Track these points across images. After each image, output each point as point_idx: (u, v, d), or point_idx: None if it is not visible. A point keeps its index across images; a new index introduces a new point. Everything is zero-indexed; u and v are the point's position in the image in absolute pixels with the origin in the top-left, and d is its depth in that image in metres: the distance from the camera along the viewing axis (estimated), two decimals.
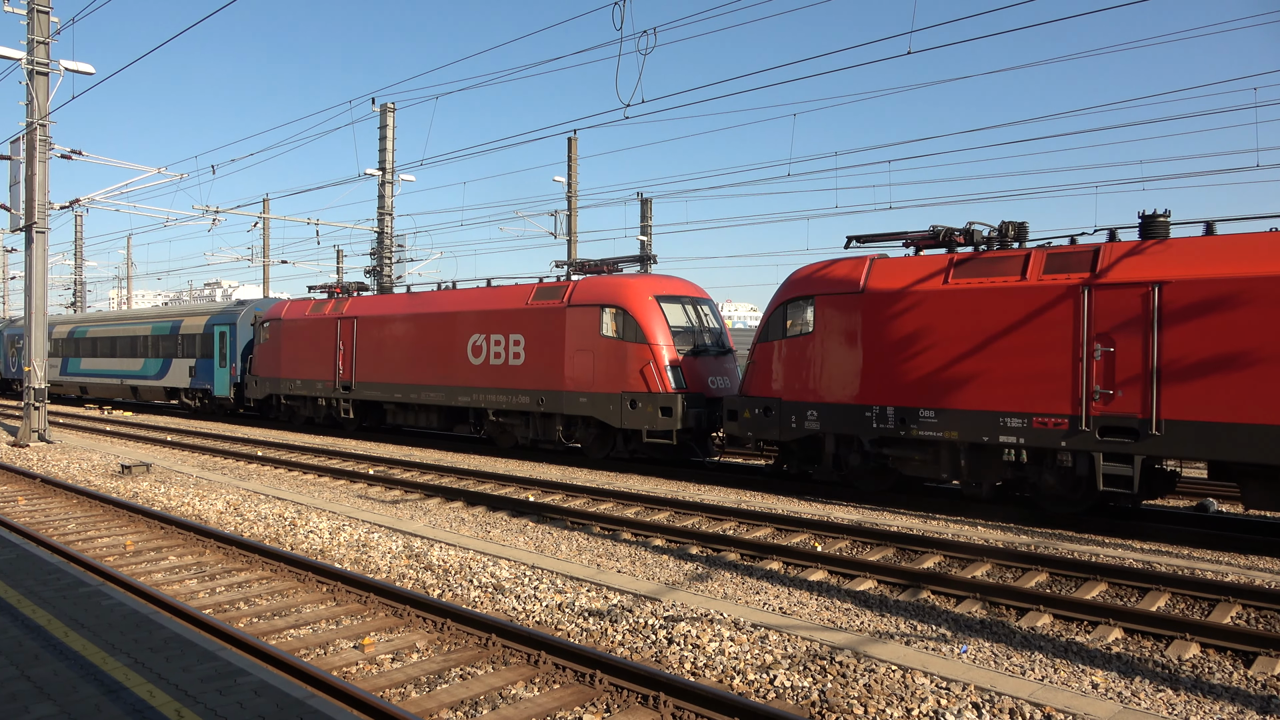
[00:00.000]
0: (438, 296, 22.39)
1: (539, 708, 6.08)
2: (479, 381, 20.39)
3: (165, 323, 33.83)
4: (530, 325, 19.44)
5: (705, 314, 18.92)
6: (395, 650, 7.31)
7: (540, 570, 9.73)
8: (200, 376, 31.39)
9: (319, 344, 25.40)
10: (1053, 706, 5.95)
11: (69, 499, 14.69)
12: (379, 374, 23.26)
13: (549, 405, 18.90)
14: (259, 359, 27.94)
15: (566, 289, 19.09)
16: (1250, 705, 6.36)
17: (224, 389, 30.20)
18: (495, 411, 20.29)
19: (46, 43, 22.03)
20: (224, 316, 30.67)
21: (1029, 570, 9.94)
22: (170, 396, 33.90)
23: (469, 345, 20.71)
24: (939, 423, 13.04)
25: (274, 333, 27.25)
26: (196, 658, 5.67)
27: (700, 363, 17.76)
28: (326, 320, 25.31)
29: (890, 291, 13.64)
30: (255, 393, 27.93)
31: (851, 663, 6.77)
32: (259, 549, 10.36)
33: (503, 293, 20.65)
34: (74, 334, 40.47)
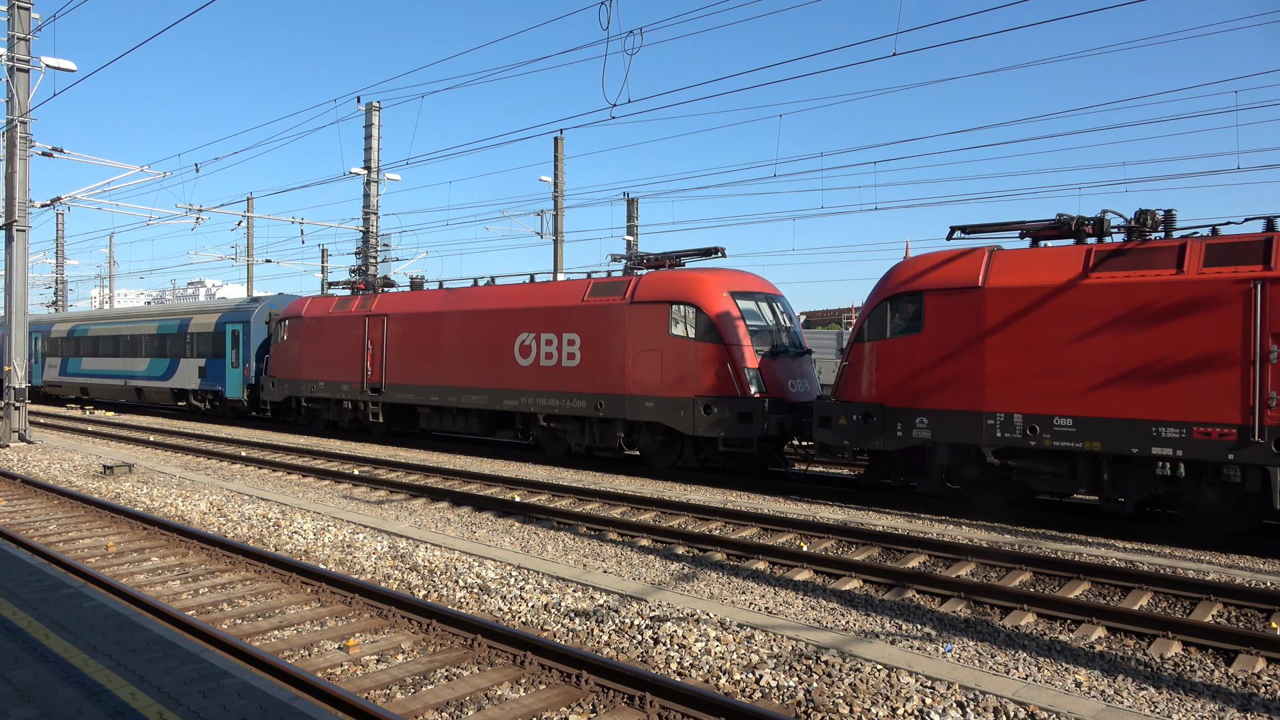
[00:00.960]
0: (480, 293, 20.88)
1: (525, 708, 6.06)
2: (528, 384, 18.98)
3: (172, 320, 32.17)
4: (586, 323, 18.01)
5: (780, 311, 17.60)
6: (380, 651, 7.28)
7: (526, 570, 9.71)
8: (210, 377, 29.81)
9: (344, 343, 23.76)
10: (1037, 705, 5.98)
11: (50, 500, 14.55)
12: (412, 375, 21.74)
13: (609, 410, 17.50)
14: (276, 359, 26.29)
15: (628, 284, 17.68)
16: (1231, 703, 6.42)
17: (237, 391, 28.68)
18: (546, 416, 18.82)
19: (27, 39, 21.82)
20: (236, 314, 29.10)
21: (1013, 569, 10.00)
22: (177, 398, 32.16)
23: (516, 345, 19.28)
24: (1077, 432, 11.79)
25: (293, 331, 25.56)
26: (179, 660, 5.62)
27: (779, 364, 16.43)
28: (353, 318, 23.65)
29: (1016, 287, 12.39)
30: (272, 395, 26.33)
31: (837, 662, 6.79)
32: (243, 550, 10.29)
33: (553, 289, 19.35)
34: (74, 332, 38.72)
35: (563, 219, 33.98)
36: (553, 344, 18.60)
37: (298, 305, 26.00)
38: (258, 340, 28.24)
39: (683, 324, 16.68)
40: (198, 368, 30.40)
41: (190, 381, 30.86)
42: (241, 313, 28.99)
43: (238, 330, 28.75)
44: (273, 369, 26.43)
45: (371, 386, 22.89)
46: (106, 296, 76.37)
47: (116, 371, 35.21)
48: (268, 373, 26.69)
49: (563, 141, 33.94)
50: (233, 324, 28.97)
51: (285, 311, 26.33)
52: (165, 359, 32.20)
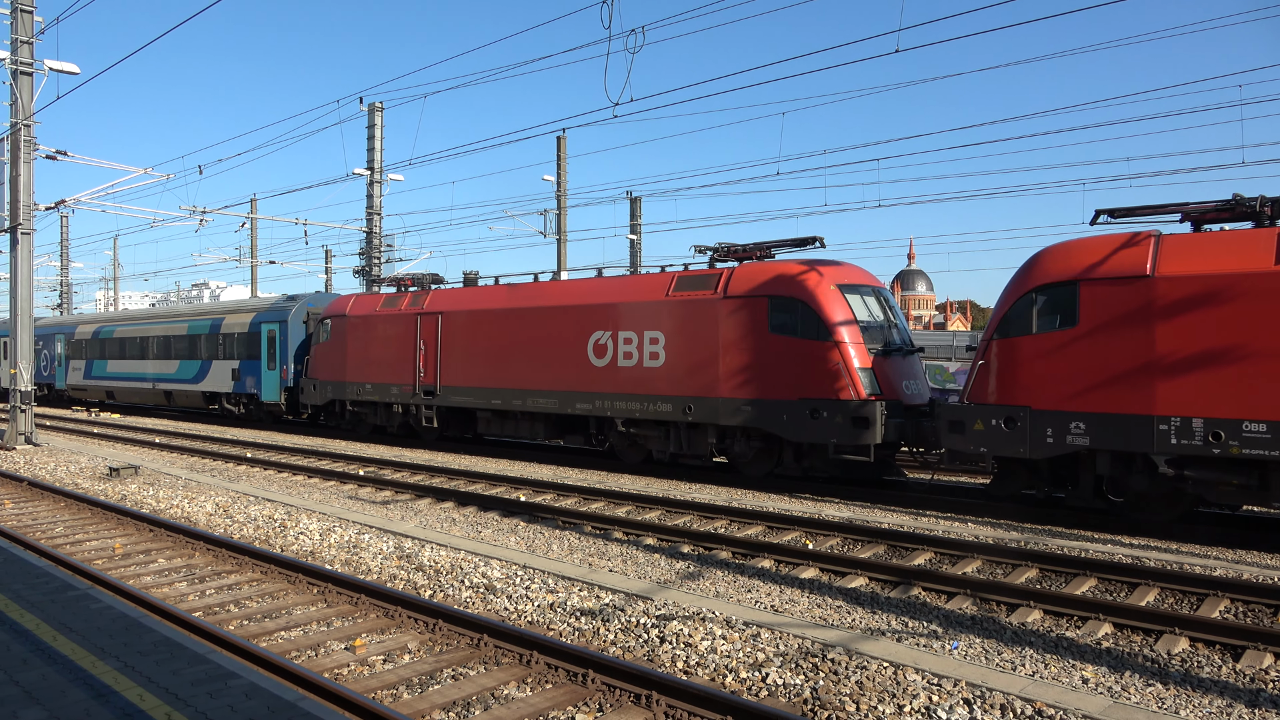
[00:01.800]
0: (547, 289, 19.43)
1: (531, 708, 6.07)
2: (604, 386, 17.54)
3: (204, 321, 30.68)
4: (671, 321, 16.62)
5: (887, 306, 16.24)
6: (387, 651, 7.29)
7: (532, 570, 9.72)
8: (245, 380, 28.27)
9: (394, 343, 22.21)
10: (1043, 702, 5.97)
11: (56, 502, 14.59)
12: (471, 377, 20.27)
13: (699, 414, 16.12)
14: (318, 360, 24.65)
15: (718, 278, 16.26)
16: (1239, 698, 6.40)
17: (273, 394, 27.09)
18: (625, 421, 17.36)
19: (30, 42, 21.87)
20: (273, 313, 27.57)
21: (1019, 566, 9.99)
22: (209, 402, 30.61)
23: (590, 344, 17.80)
24: (1272, 439, 10.51)
25: (338, 331, 23.93)
26: (186, 661, 5.64)
27: (891, 364, 15.02)
28: (403, 316, 22.09)
29: (1194, 276, 11.10)
30: (314, 398, 24.76)
31: (843, 660, 6.78)
32: (249, 551, 10.31)
33: (631, 283, 17.89)
34: (99, 334, 37.19)
35: (566, 218, 33.98)
36: (632, 343, 17.18)
37: (341, 304, 24.41)
38: (296, 341, 26.71)
39: (786, 320, 15.27)
40: (231, 370, 28.98)
41: (223, 384, 29.46)
42: (278, 312, 27.47)
43: (274, 330, 27.23)
44: (314, 371, 24.89)
45: (425, 389, 21.37)
46: (111, 299, 76.51)
47: (144, 374, 33.88)
48: (308, 375, 25.15)
49: (565, 141, 33.95)
50: (269, 324, 27.47)
51: (327, 310, 24.80)
52: (196, 361, 30.83)
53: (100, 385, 36.84)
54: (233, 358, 28.90)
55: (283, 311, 27.22)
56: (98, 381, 37.05)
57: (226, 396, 29.59)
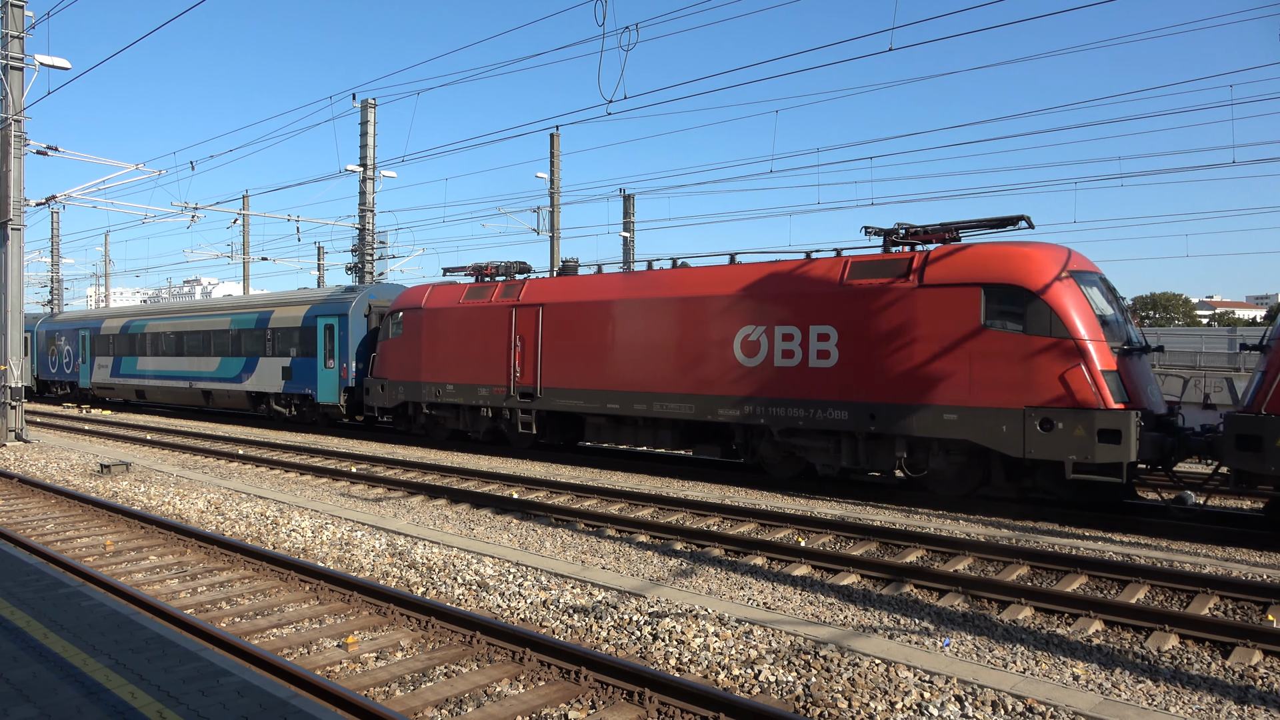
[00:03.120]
0: (679, 277, 16.92)
1: (524, 705, 6.07)
2: (755, 389, 15.15)
3: (249, 314, 28.17)
4: (846, 313, 14.20)
5: (1115, 295, 13.90)
6: (379, 649, 7.28)
7: (525, 567, 9.72)
8: (298, 379, 25.71)
9: (483, 339, 19.72)
10: (1034, 698, 6.00)
11: (47, 499, 14.54)
12: (582, 378, 17.78)
13: (884, 422, 13.67)
14: (387, 358, 22.16)
15: (908, 263, 13.86)
16: (1228, 695, 6.44)
17: (330, 394, 24.54)
18: (783, 430, 14.97)
19: (20, 37, 21.76)
20: (330, 306, 25.07)
21: (1010, 564, 10.03)
22: (255, 403, 28.11)
23: (737, 341, 15.41)
24: None
25: (412, 325, 21.40)
26: (178, 658, 5.63)
27: (1134, 365, 12.81)
28: (494, 309, 19.60)
29: None
30: (382, 400, 22.23)
31: (835, 657, 6.80)
32: (241, 548, 10.29)
33: (791, 270, 15.30)
34: (129, 329, 34.24)
35: (559, 215, 33.98)
36: (794, 339, 14.77)
37: (415, 295, 21.89)
38: (357, 336, 24.14)
39: (1007, 312, 12.91)
40: (281, 368, 26.36)
41: (271, 384, 26.86)
42: (336, 304, 24.88)
43: (332, 324, 24.62)
44: (382, 369, 22.34)
45: (522, 391, 18.83)
46: (102, 295, 76.16)
47: (180, 373, 31.21)
48: (374, 374, 22.62)
49: (559, 138, 33.92)
50: (325, 317, 24.87)
51: (398, 302, 22.23)
52: (240, 358, 28.19)
53: (129, 384, 34.22)
54: (283, 355, 26.39)
55: (341, 304, 24.69)
56: (127, 380, 34.39)
57: (275, 397, 27.08)
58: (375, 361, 22.71)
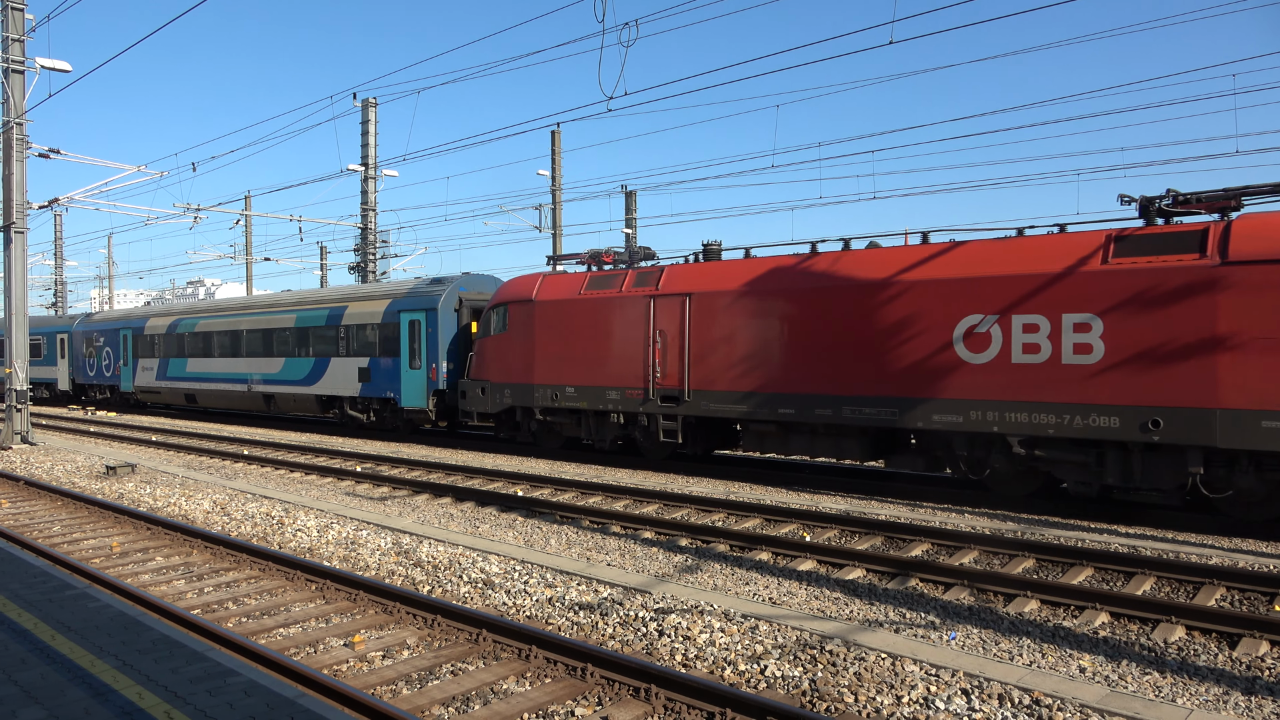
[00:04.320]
0: (872, 259, 14.25)
1: (531, 702, 6.08)
2: (984, 391, 12.74)
3: (319, 310, 25.88)
4: (1114, 298, 11.97)
5: None
6: (386, 647, 7.30)
7: (530, 565, 9.73)
8: (377, 381, 23.51)
9: (612, 335, 17.27)
10: (1041, 691, 5.99)
11: (54, 501, 14.58)
12: (744, 378, 15.34)
13: (1174, 431, 11.43)
14: (488, 358, 19.67)
15: (1201, 236, 11.63)
16: (1235, 686, 6.43)
17: (417, 398, 22.34)
18: (1026, 440, 12.58)
19: (22, 40, 21.79)
20: (415, 299, 22.77)
21: (1016, 556, 10.02)
22: (325, 408, 25.73)
23: (959, 333, 13.04)
24: None
25: (520, 320, 18.94)
26: (185, 658, 5.64)
27: None
28: (627, 300, 17.08)
29: None
30: (482, 404, 19.76)
31: (841, 651, 6.80)
32: (247, 548, 10.31)
33: (1030, 248, 12.87)
34: (176, 328, 31.80)
35: (561, 212, 33.95)
36: (1039, 330, 12.54)
37: (522, 286, 19.36)
38: (447, 333, 21.90)
39: None
40: (357, 369, 24.10)
41: (345, 386, 24.54)
42: (422, 297, 22.61)
43: (418, 321, 22.38)
44: (482, 370, 19.85)
45: (663, 394, 16.41)
46: (106, 297, 76.27)
47: (237, 375, 28.82)
48: (471, 376, 20.17)
49: (560, 135, 33.90)
50: (411, 312, 22.61)
51: (501, 295, 19.70)
52: (308, 358, 25.92)
53: (179, 387, 31.71)
54: (359, 354, 24.13)
55: (428, 297, 22.39)
56: (175, 383, 31.88)
57: (350, 401, 24.73)
58: (472, 362, 20.31)
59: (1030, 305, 12.61)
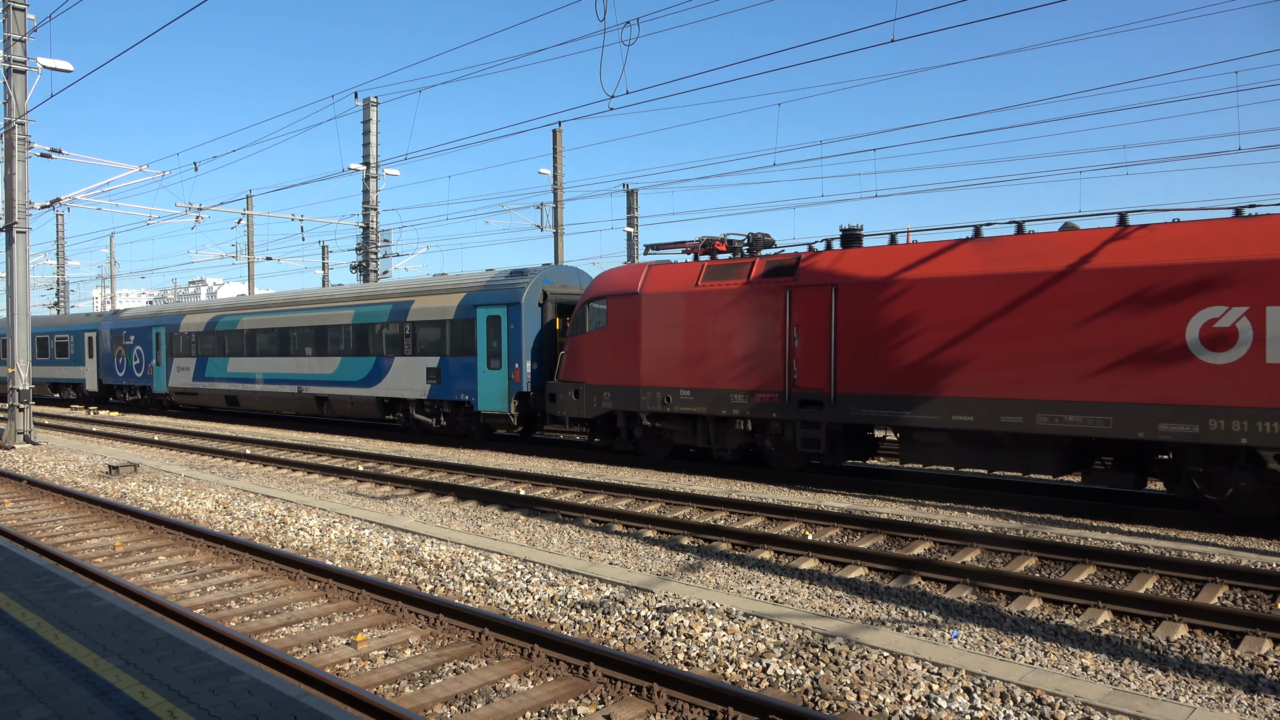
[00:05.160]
0: (1072, 243, 12.35)
1: (533, 701, 6.09)
2: (1227, 396, 10.95)
3: (379, 305, 23.83)
4: None
5: None
6: (388, 646, 7.31)
7: (532, 564, 9.73)
8: (449, 383, 21.58)
9: (738, 331, 15.32)
10: (1043, 689, 5.99)
11: (56, 500, 14.60)
12: (908, 380, 13.32)
13: None
14: (584, 357, 17.67)
15: None
16: (1238, 684, 6.43)
17: (496, 401, 20.39)
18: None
19: (23, 40, 21.81)
20: (494, 293, 20.69)
21: (1018, 555, 10.01)
22: (387, 411, 23.83)
23: (1192, 328, 11.17)
24: None
25: (623, 316, 16.98)
26: (188, 658, 5.65)
27: None
28: (756, 291, 15.08)
29: None
30: (577, 409, 17.77)
31: (844, 650, 6.81)
32: (249, 547, 10.33)
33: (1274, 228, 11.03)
34: (216, 325, 29.91)
35: (563, 211, 33.96)
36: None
37: (623, 277, 17.36)
38: (532, 329, 20.02)
39: None
40: (426, 369, 22.25)
41: (411, 388, 22.65)
42: (503, 290, 20.57)
43: (498, 316, 20.41)
44: (575, 371, 17.88)
45: (802, 397, 14.52)
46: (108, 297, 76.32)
47: (285, 375, 26.90)
48: (563, 377, 18.18)
49: (561, 134, 33.91)
50: (489, 307, 20.62)
51: (600, 287, 17.66)
52: (367, 358, 23.99)
53: (218, 389, 29.82)
54: (427, 353, 22.27)
55: (510, 290, 20.40)
56: (214, 384, 29.96)
57: (417, 404, 22.80)
58: (564, 361, 18.25)
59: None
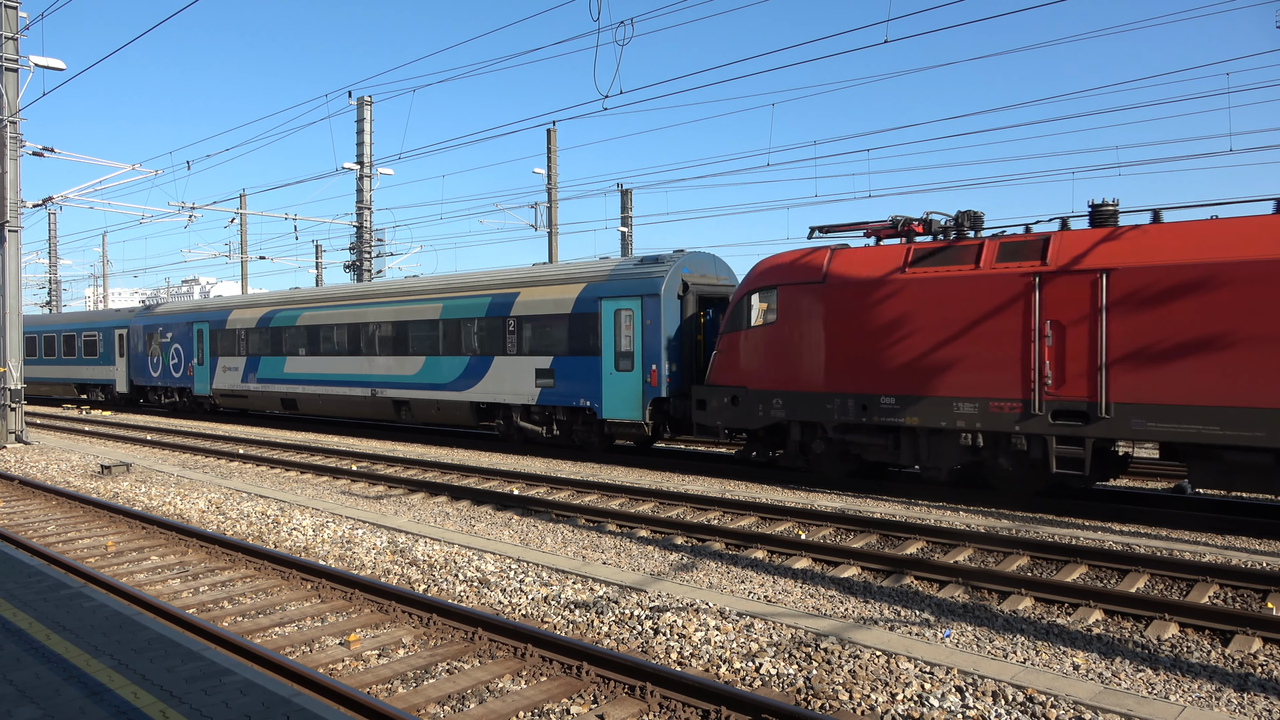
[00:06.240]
0: None
1: (526, 700, 6.09)
2: None
3: (477, 298, 21.02)
4: None
5: None
6: (381, 646, 7.30)
7: (526, 563, 9.73)
8: (565, 386, 18.89)
9: (960, 326, 12.90)
10: (1035, 688, 6.02)
11: (48, 500, 14.55)
12: (1221, 388, 10.95)
13: None
14: (742, 357, 15.31)
15: None
16: (1228, 683, 6.46)
17: (626, 408, 17.66)
18: None
19: (15, 38, 21.73)
20: (623, 283, 18.06)
21: (1010, 554, 10.04)
22: (483, 417, 21.06)
23: None
24: None
25: (798, 308, 14.49)
26: (181, 658, 5.64)
27: None
28: (990, 280, 12.63)
29: None
30: (733, 418, 15.40)
31: (836, 649, 6.82)
32: (242, 547, 10.31)
33: None
34: (271, 321, 27.06)
35: (557, 211, 33.98)
36: None
37: (802, 262, 14.77)
38: (671, 325, 17.36)
39: None
40: (534, 370, 19.50)
41: (515, 392, 19.92)
42: (635, 281, 17.88)
43: (629, 310, 17.78)
44: (730, 374, 15.51)
45: (1057, 408, 12.14)
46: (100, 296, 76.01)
47: (356, 377, 24.08)
48: (714, 380, 15.77)
49: (555, 134, 33.92)
50: (618, 299, 17.98)
51: (767, 275, 15.13)
52: (459, 357, 21.29)
53: (272, 391, 27.01)
54: (536, 352, 19.56)
55: (644, 280, 17.72)
56: (269, 386, 27.12)
57: (523, 411, 20.02)
58: (716, 362, 15.79)
59: None
